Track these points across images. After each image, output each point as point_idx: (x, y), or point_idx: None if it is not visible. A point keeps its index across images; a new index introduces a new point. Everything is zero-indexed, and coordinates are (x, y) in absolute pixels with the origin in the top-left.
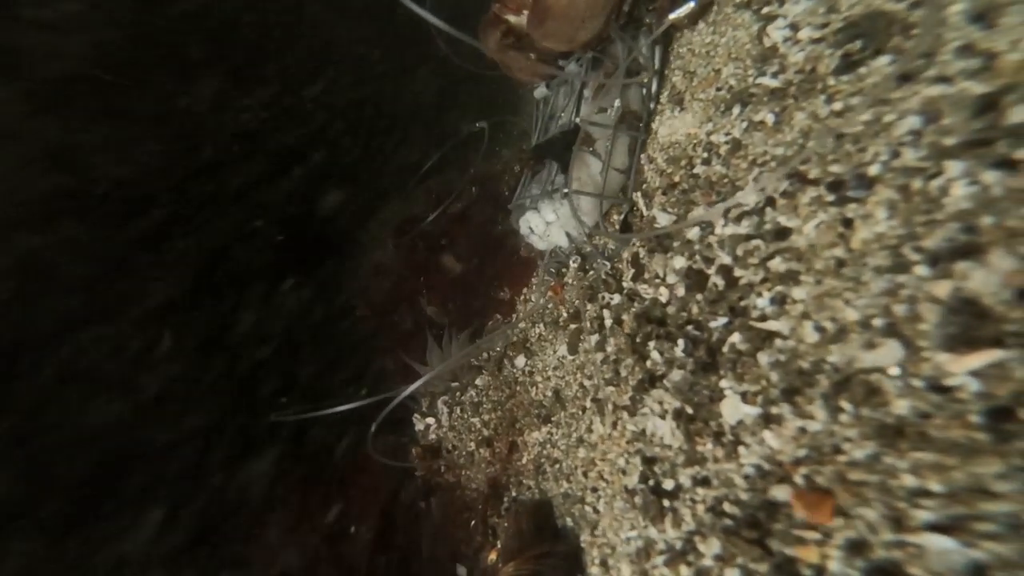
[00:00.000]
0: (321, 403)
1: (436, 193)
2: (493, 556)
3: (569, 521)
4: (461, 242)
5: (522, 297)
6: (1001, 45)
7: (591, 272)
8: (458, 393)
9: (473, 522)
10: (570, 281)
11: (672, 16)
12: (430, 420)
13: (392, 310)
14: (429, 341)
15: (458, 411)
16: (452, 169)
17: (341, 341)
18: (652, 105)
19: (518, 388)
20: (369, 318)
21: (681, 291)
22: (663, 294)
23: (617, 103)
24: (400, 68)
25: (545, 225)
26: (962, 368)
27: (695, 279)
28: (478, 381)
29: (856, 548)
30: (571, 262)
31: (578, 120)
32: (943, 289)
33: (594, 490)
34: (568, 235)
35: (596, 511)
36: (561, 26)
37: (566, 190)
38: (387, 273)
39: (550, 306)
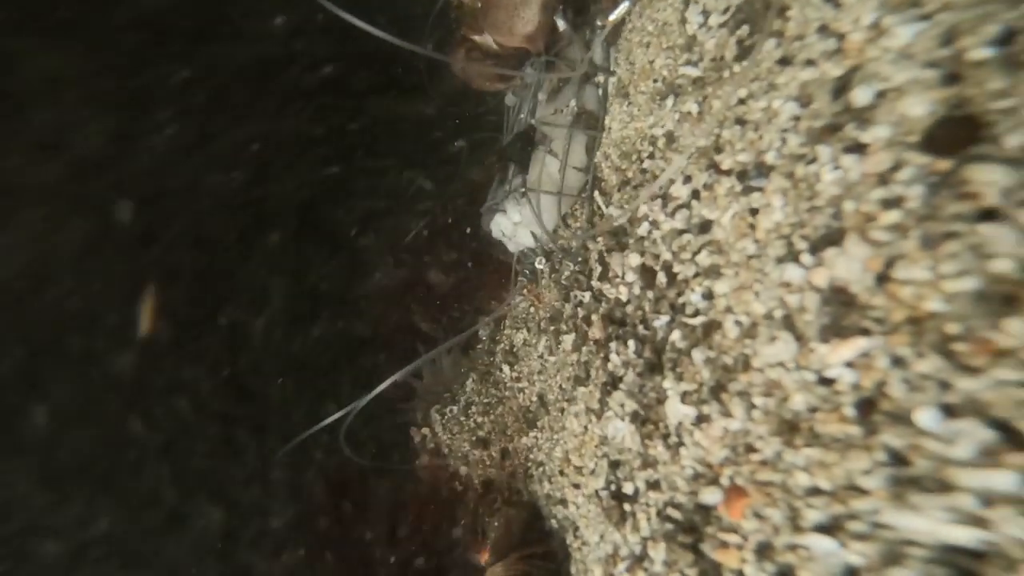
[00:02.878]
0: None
1: (421, 207)
2: (483, 556)
3: (555, 522)
4: (447, 254)
5: (506, 304)
6: (846, 25)
7: (565, 273)
8: (452, 402)
9: (464, 521)
10: (545, 282)
11: (611, 17)
12: (425, 431)
13: (389, 327)
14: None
15: (451, 413)
16: (436, 182)
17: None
18: (608, 104)
19: (507, 394)
20: (370, 337)
21: (637, 289)
22: (623, 293)
23: (573, 103)
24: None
25: (513, 226)
26: (838, 359)
27: (647, 277)
28: (469, 388)
29: (764, 551)
30: (536, 263)
31: (533, 121)
32: (821, 278)
33: (576, 487)
34: (533, 235)
35: (577, 513)
36: (499, 16)
37: (523, 189)
38: (384, 291)
39: (531, 309)
